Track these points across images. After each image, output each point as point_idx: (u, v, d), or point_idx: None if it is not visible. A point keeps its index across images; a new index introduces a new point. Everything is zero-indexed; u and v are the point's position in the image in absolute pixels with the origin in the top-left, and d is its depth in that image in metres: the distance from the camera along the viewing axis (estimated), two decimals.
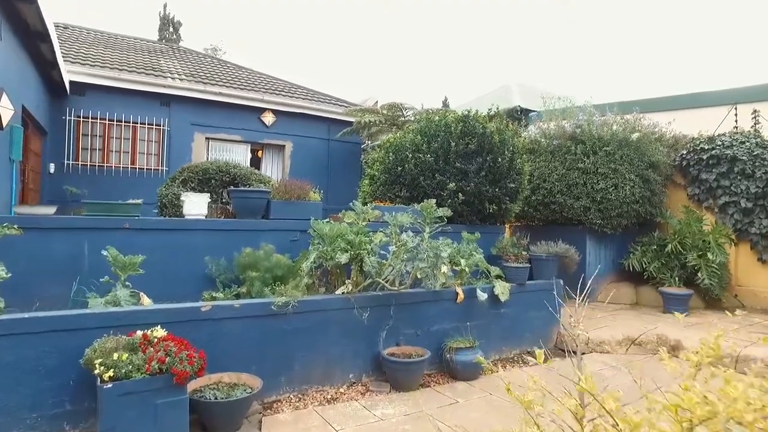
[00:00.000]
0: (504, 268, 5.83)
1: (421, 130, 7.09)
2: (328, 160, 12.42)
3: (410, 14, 63.92)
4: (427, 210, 4.69)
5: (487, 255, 6.59)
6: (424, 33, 62.38)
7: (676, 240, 7.93)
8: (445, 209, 4.77)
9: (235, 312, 3.93)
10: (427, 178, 6.76)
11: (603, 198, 7.82)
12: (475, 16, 64.76)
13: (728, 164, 8.17)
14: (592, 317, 7.10)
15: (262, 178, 6.28)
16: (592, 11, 56.76)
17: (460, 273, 5.26)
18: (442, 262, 4.35)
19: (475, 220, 6.89)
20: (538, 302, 6.10)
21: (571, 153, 8.13)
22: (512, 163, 6.89)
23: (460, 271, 5.21)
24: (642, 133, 8.01)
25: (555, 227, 8.46)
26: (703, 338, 1.67)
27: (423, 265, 4.16)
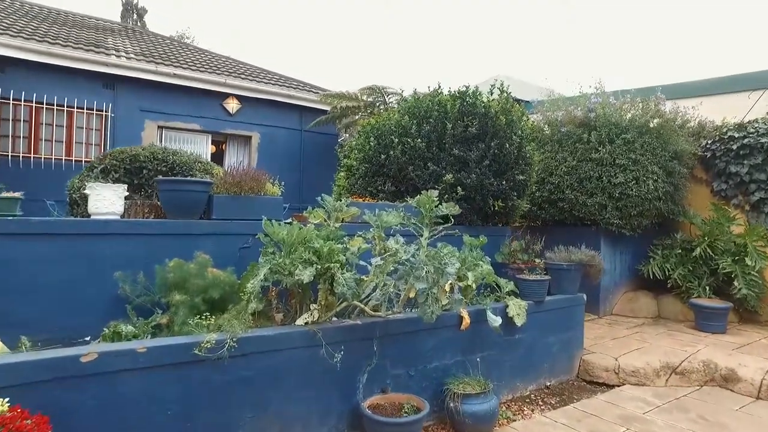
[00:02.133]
0: (517, 282, 4.57)
1: (410, 109, 5.81)
2: (300, 154, 11.05)
3: (392, 7, 62.26)
4: (425, 206, 3.38)
5: (490, 263, 5.38)
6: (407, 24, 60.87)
7: (706, 243, 6.79)
8: (450, 205, 3.47)
9: (139, 360, 2.58)
10: (417, 168, 5.47)
11: (622, 194, 6.64)
12: (460, 5, 63.18)
13: (764, 155, 7.07)
14: (615, 336, 5.90)
15: (209, 167, 4.91)
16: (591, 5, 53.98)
17: (464, 290, 3.98)
18: (448, 281, 3.07)
19: (476, 219, 5.63)
20: (559, 323, 4.86)
21: (582, 142, 6.94)
22: (521, 151, 5.65)
23: (464, 288, 3.93)
24: (664, 119, 6.86)
25: (563, 228, 7.28)
26: None
27: (421, 286, 2.88)
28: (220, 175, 4.30)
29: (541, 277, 4.57)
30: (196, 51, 12.09)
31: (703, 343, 5.61)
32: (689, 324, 6.54)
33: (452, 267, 3.04)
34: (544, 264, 5.09)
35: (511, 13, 55.67)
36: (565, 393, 4.65)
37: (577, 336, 5.07)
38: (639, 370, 4.94)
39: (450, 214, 3.45)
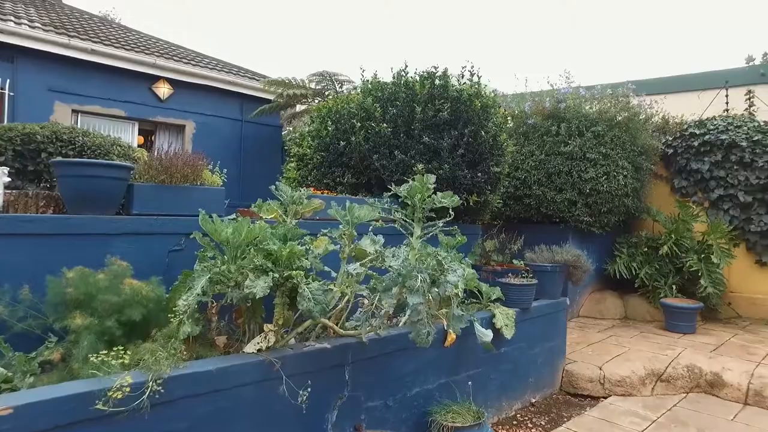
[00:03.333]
0: (501, 286, 4.00)
1: (373, 90, 5.12)
2: (240, 146, 10.05)
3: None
4: (418, 195, 2.67)
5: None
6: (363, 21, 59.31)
7: (672, 240, 6.59)
8: (449, 194, 2.79)
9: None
10: (382, 157, 4.79)
11: (593, 189, 6.28)
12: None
13: (724, 152, 6.98)
14: (590, 341, 5.50)
15: (130, 152, 3.97)
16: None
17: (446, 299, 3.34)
18: (455, 294, 2.41)
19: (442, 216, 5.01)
20: (544, 331, 4.35)
21: (551, 134, 6.53)
22: (496, 140, 5.11)
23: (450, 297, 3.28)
24: (631, 112, 6.58)
25: (529, 226, 6.84)
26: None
27: (416, 300, 2.18)
28: (144, 159, 3.41)
29: (528, 281, 4.02)
30: (121, 29, 10.76)
31: (680, 346, 5.32)
32: (658, 324, 6.29)
33: (454, 274, 2.39)
34: (524, 265, 4.57)
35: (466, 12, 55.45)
36: (553, 410, 4.13)
37: (560, 345, 4.59)
38: (625, 379, 4.52)
39: (452, 205, 2.77)
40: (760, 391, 4.38)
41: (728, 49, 33.74)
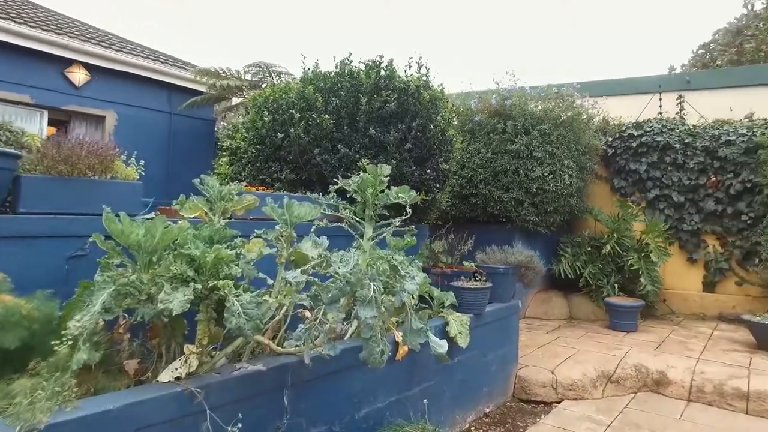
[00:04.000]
0: (454, 291, 3.73)
1: (314, 80, 4.72)
2: (169, 141, 9.27)
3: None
4: (369, 189, 2.30)
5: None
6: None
7: (614, 240, 6.65)
8: (405, 189, 2.44)
9: None
10: (324, 151, 4.41)
11: (539, 189, 6.21)
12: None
13: (659, 153, 7.15)
14: (539, 344, 5.38)
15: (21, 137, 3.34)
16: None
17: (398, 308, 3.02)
18: (403, 301, 2.07)
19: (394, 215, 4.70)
20: (497, 337, 4.13)
21: (497, 132, 6.40)
22: (444, 135, 4.86)
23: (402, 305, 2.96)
24: (575, 112, 6.58)
25: (475, 226, 6.66)
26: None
27: (370, 313, 1.83)
28: (37, 146, 2.84)
29: (482, 284, 3.78)
30: (26, 4, 9.63)
31: (625, 345, 5.31)
32: (602, 323, 6.31)
33: (412, 282, 2.06)
34: (476, 267, 4.34)
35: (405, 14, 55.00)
36: (508, 421, 3.91)
37: (513, 350, 4.40)
38: (576, 382, 4.40)
39: (408, 201, 2.42)
40: (702, 388, 4.41)
41: (661, 55, 35.73)
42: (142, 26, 39.84)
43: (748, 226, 6.68)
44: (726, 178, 6.81)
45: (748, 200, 6.67)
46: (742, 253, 6.76)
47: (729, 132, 6.83)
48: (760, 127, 6.72)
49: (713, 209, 6.89)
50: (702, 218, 6.99)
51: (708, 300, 7.02)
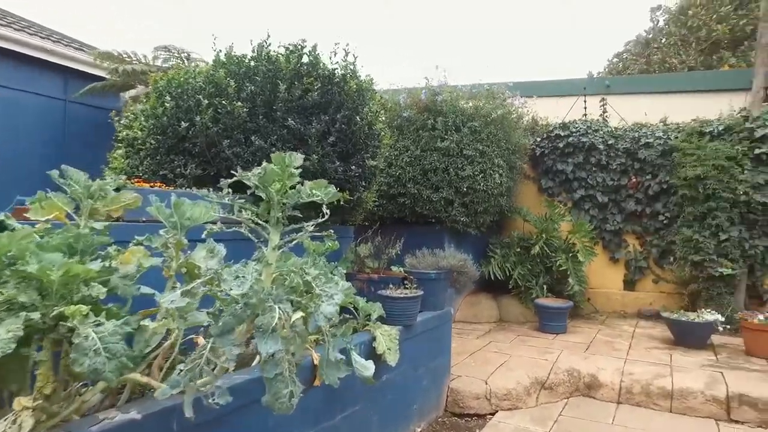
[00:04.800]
0: (381, 300, 3.36)
1: (228, 63, 4.17)
2: (64, 131, 8.20)
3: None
4: (275, 182, 1.82)
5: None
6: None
7: (542, 240, 6.60)
8: (322, 184, 1.98)
9: None
10: (236, 143, 3.87)
11: (469, 188, 6.00)
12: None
13: (584, 154, 7.23)
14: (470, 350, 5.15)
15: None
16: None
17: None
18: (329, 329, 1.64)
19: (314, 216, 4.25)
20: (428, 349, 3.80)
21: (427, 128, 6.13)
22: (371, 129, 4.48)
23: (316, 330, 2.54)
24: (506, 110, 6.46)
25: (403, 227, 6.36)
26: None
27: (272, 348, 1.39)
28: None
29: (412, 292, 3.42)
30: None
31: (556, 348, 5.21)
32: (532, 325, 6.22)
33: (330, 302, 1.63)
34: (405, 272, 4.00)
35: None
36: None
37: (445, 361, 4.10)
38: (511, 391, 4.18)
39: (326, 199, 1.98)
40: (630, 389, 4.36)
41: (580, 62, 37.28)
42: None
43: (664, 225, 6.89)
44: (645, 180, 6.99)
45: (665, 201, 6.89)
46: (658, 251, 6.97)
47: (647, 135, 7.02)
48: (673, 131, 6.96)
49: (633, 209, 7.06)
50: (623, 218, 7.15)
51: (628, 298, 7.19)
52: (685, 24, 13.24)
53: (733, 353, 5.16)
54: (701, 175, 6.17)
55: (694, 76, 10.42)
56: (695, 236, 6.20)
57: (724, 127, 6.60)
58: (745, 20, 12.30)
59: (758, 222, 6.30)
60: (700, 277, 6.21)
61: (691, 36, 12.94)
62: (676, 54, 12.74)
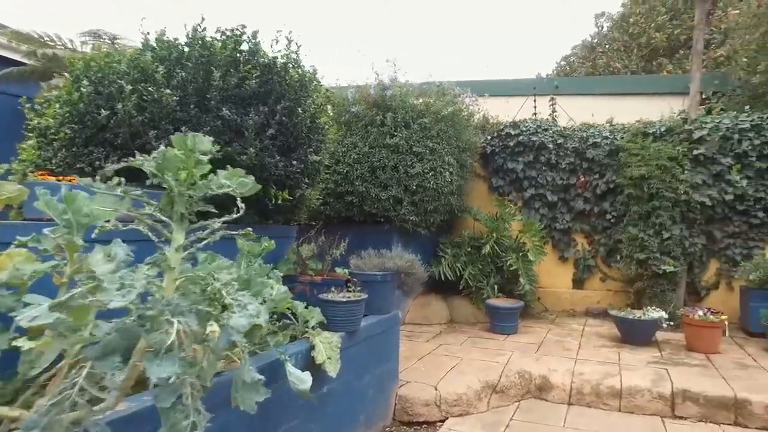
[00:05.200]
0: (322, 305, 3.11)
1: (158, 48, 3.80)
2: None
3: None
4: (180, 171, 1.53)
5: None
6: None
7: (493, 240, 6.52)
8: (236, 174, 1.68)
9: None
10: (164, 134, 3.51)
11: (419, 186, 5.83)
12: None
13: (535, 153, 7.22)
14: (420, 354, 4.97)
15: None
16: None
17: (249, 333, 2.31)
18: (244, 345, 1.37)
19: (253, 214, 3.96)
20: (374, 355, 3.58)
21: (376, 124, 5.91)
22: (315, 122, 4.22)
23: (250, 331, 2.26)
24: (457, 107, 6.33)
25: (351, 227, 6.14)
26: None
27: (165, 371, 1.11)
28: None
29: (356, 296, 3.19)
30: None
31: (507, 349, 5.12)
32: (483, 326, 6.13)
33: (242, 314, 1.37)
34: (349, 274, 3.77)
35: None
36: None
37: (393, 367, 3.89)
38: (461, 396, 4.02)
39: (236, 190, 1.69)
40: (581, 390, 4.31)
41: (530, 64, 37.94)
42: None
43: (611, 224, 6.98)
44: (593, 179, 7.06)
45: (611, 200, 6.98)
46: (606, 250, 7.05)
47: (595, 134, 7.09)
48: (619, 131, 7.06)
49: (582, 208, 7.11)
50: (572, 217, 7.20)
51: (577, 296, 7.24)
52: (627, 31, 13.69)
53: (675, 349, 5.23)
54: (645, 174, 6.27)
55: (637, 79, 10.76)
56: (640, 235, 6.30)
57: (666, 128, 6.75)
58: (679, 30, 12.84)
59: (697, 221, 6.48)
60: (645, 275, 6.31)
61: (633, 42, 13.39)
62: (619, 59, 13.14)
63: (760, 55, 7.66)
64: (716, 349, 5.04)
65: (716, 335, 5.04)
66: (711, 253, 6.58)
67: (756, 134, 6.33)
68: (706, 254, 6.58)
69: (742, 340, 5.65)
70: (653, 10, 13.35)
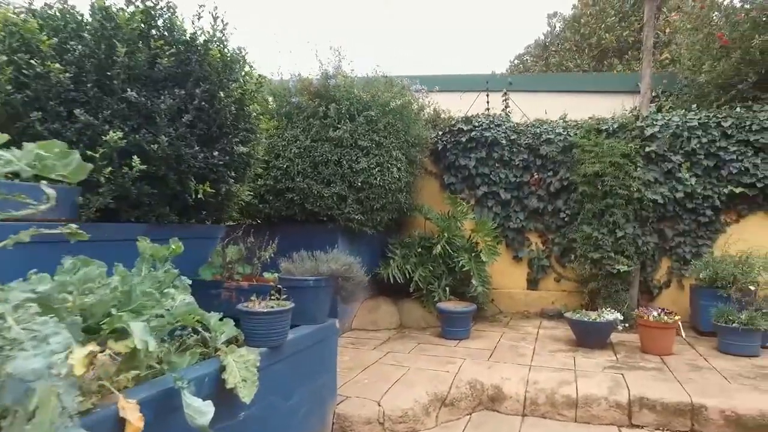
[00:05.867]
0: (240, 316, 2.67)
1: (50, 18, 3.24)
2: None
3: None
4: None
5: (189, 287, 3.40)
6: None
7: (445, 239, 6.21)
8: (51, 145, 1.25)
9: None
10: (53, 118, 2.98)
11: (365, 183, 5.44)
12: None
13: (487, 149, 6.97)
14: (365, 364, 4.57)
15: None
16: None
17: (128, 359, 1.86)
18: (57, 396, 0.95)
19: (170, 213, 3.46)
20: (306, 371, 3.16)
21: (319, 116, 5.49)
22: (242, 109, 3.76)
23: (128, 355, 1.81)
24: (406, 99, 5.98)
25: (292, 226, 5.72)
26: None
27: None
28: None
29: (279, 305, 2.75)
30: None
31: (459, 356, 4.80)
32: (434, 331, 5.80)
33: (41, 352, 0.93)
34: (279, 279, 3.33)
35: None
36: None
37: (329, 382, 3.47)
38: (407, 412, 3.65)
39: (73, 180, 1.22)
40: (535, 399, 4.03)
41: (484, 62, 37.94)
42: None
43: (565, 223, 6.81)
44: (547, 176, 6.88)
45: (565, 198, 6.81)
46: (560, 249, 6.88)
47: (548, 131, 6.91)
48: (572, 127, 6.91)
49: (536, 207, 6.91)
50: (526, 216, 6.99)
51: (531, 297, 7.03)
52: (578, 31, 13.81)
53: (630, 351, 5.06)
54: (599, 171, 6.11)
55: (590, 77, 10.78)
56: (594, 233, 6.13)
57: (619, 125, 6.64)
58: (628, 32, 13.06)
59: (649, 219, 6.38)
60: (599, 275, 6.15)
61: (584, 42, 13.52)
62: (571, 58, 13.21)
63: (704, 55, 7.72)
64: (670, 350, 4.90)
65: (670, 336, 4.89)
66: (663, 252, 6.50)
67: (703, 132, 6.29)
68: (658, 253, 6.50)
69: (693, 339, 5.56)
70: (603, 11, 13.52)
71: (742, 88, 7.05)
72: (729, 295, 5.26)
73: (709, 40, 7.69)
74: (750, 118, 6.18)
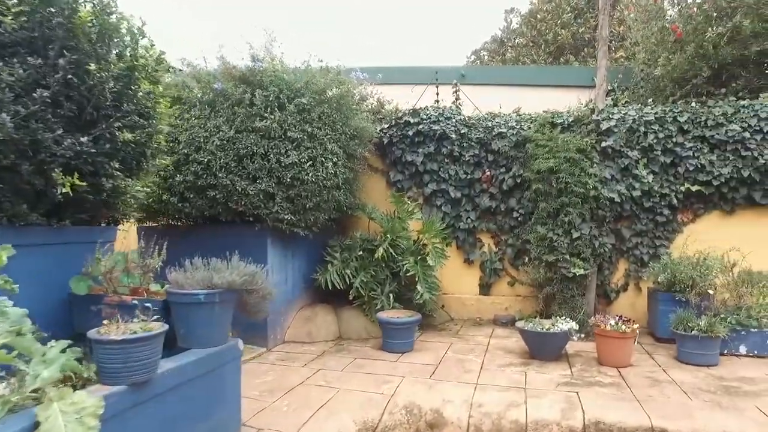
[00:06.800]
0: (94, 347, 2.04)
1: None
2: None
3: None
4: None
5: (64, 297, 2.79)
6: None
7: (388, 241, 5.67)
8: None
9: None
10: None
11: (295, 179, 4.84)
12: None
13: (436, 144, 6.48)
14: (289, 386, 3.97)
15: None
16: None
17: None
18: None
19: (29, 212, 2.77)
20: (194, 407, 2.54)
21: (244, 104, 4.85)
22: (130, 87, 3.10)
23: None
24: (345, 89, 5.40)
25: (217, 228, 5.08)
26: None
27: None
28: None
29: (145, 330, 2.13)
30: None
31: (398, 373, 4.26)
32: (376, 343, 5.25)
33: None
34: (165, 292, 2.71)
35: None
36: None
37: (231, 416, 2.87)
38: None
39: None
40: (480, 426, 3.52)
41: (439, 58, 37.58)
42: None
43: (519, 223, 6.39)
44: (499, 173, 6.44)
45: (519, 196, 6.39)
46: (514, 251, 6.45)
47: (501, 124, 6.48)
48: (526, 121, 6.50)
49: (488, 206, 6.46)
50: (478, 215, 6.54)
51: (484, 303, 6.58)
52: (535, 27, 13.58)
53: (586, 363, 4.64)
54: (554, 167, 5.71)
55: (545, 70, 10.51)
56: (549, 234, 5.72)
57: (574, 118, 6.28)
58: (584, 28, 12.91)
59: (606, 218, 6.03)
60: (555, 279, 5.73)
61: (540, 38, 13.28)
62: (528, 54, 12.95)
63: (659, 48, 7.49)
64: (628, 362, 4.51)
65: (628, 347, 4.50)
66: (620, 253, 6.17)
67: (660, 127, 5.99)
68: (615, 254, 6.16)
69: (651, 347, 5.22)
70: (558, 8, 13.33)
71: (697, 82, 6.82)
72: (688, 300, 4.93)
73: (663, 33, 7.46)
74: (705, 114, 5.91)
